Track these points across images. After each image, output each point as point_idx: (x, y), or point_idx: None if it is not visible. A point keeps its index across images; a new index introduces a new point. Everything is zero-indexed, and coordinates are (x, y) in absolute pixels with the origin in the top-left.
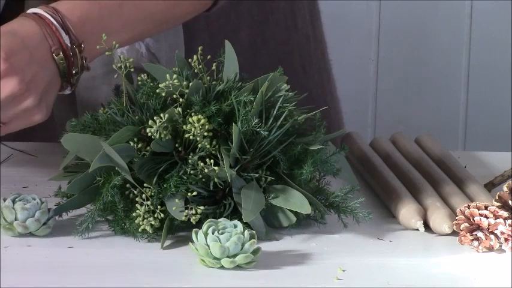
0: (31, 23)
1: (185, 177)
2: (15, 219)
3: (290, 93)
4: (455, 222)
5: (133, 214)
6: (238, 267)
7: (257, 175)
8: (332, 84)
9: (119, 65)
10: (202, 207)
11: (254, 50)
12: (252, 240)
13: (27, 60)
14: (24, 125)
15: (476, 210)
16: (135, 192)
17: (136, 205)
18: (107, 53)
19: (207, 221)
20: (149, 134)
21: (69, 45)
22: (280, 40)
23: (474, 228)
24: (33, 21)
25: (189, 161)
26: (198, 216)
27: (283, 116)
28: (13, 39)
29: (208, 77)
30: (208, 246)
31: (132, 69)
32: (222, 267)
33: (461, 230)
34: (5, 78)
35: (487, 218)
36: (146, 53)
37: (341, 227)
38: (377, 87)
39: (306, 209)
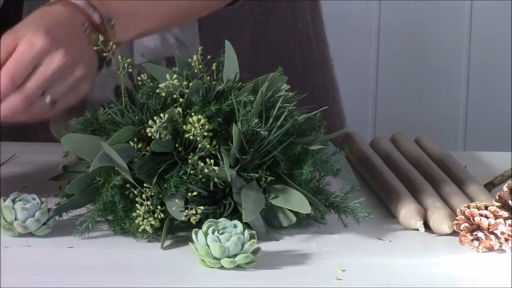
0: (58, 6)
1: (185, 177)
2: (15, 219)
3: (290, 93)
4: (455, 222)
5: (133, 214)
6: (238, 267)
7: (257, 175)
8: (334, 84)
9: (118, 65)
10: (202, 207)
11: (256, 51)
12: (252, 240)
13: (67, 34)
14: (74, 100)
15: (476, 210)
16: (135, 192)
17: (136, 205)
18: (104, 54)
19: (207, 221)
20: (149, 134)
21: (99, 21)
22: (282, 40)
23: (474, 228)
24: (59, 5)
25: (189, 161)
26: (198, 216)
27: (283, 116)
28: (48, 19)
29: (208, 77)
30: (208, 246)
31: (130, 70)
32: (222, 267)
33: (462, 230)
34: (50, 53)
35: (487, 218)
36: (175, 42)
37: (341, 227)
38: (377, 87)
39: (306, 209)
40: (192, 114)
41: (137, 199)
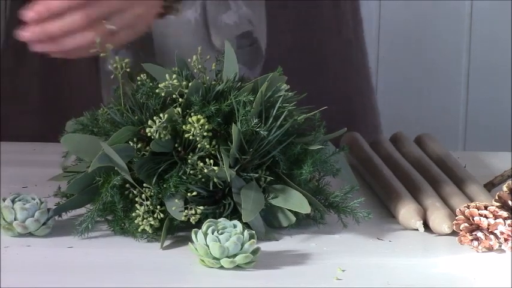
0: None
1: (185, 177)
2: (15, 219)
3: (290, 93)
4: (455, 222)
5: (133, 214)
6: (238, 267)
7: (257, 175)
8: (371, 92)
9: (115, 65)
10: (201, 207)
11: (297, 52)
12: (252, 240)
13: None
14: (131, 35)
15: (476, 210)
16: (135, 192)
17: (136, 205)
18: (102, 55)
19: (207, 221)
20: (149, 134)
21: None
22: (323, 44)
23: (474, 228)
24: None
25: (189, 161)
26: (198, 216)
27: (282, 116)
28: None
29: (207, 77)
30: (207, 246)
31: (128, 69)
32: (221, 267)
33: (461, 230)
34: None
35: (487, 218)
36: (246, 21)
37: (341, 227)
38: (377, 87)
39: (305, 209)
40: (192, 114)
41: (137, 199)
